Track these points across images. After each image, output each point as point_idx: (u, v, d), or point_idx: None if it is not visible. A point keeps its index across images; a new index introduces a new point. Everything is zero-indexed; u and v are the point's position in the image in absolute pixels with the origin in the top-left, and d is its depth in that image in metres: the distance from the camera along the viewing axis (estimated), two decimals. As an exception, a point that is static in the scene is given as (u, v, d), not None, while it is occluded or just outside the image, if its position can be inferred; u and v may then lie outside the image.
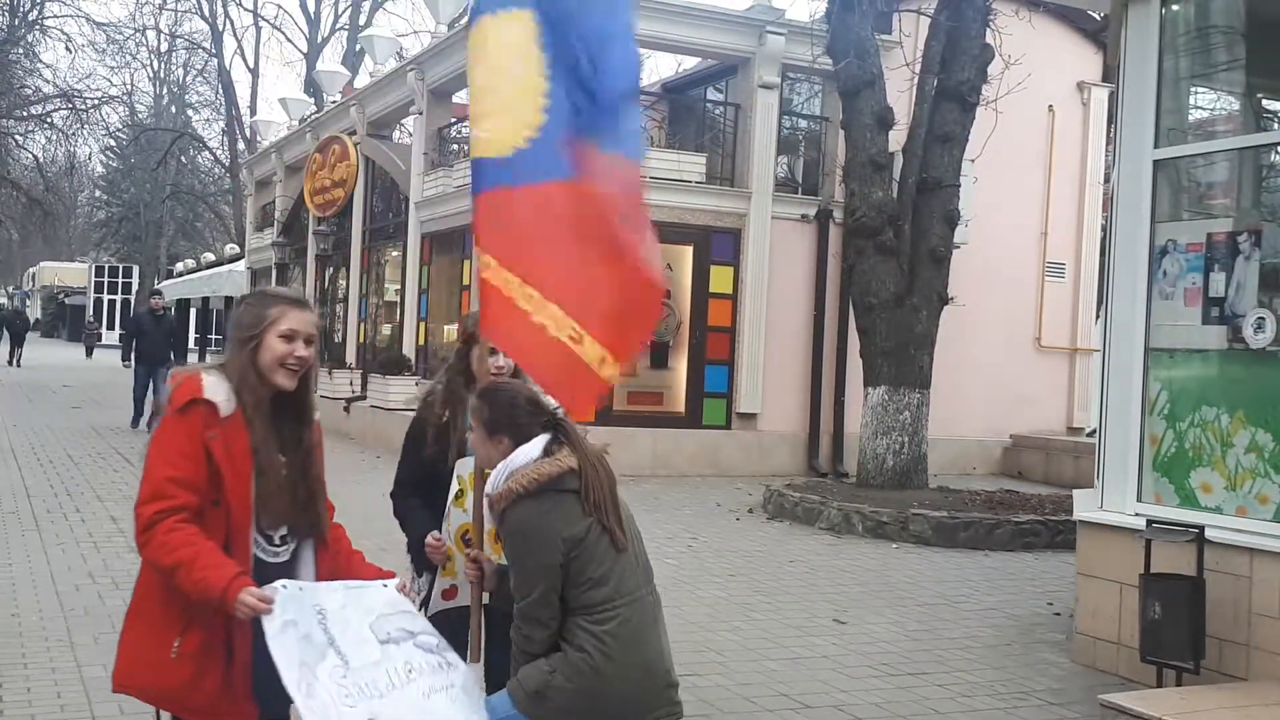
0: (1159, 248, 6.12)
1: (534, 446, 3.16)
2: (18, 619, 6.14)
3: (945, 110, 12.03)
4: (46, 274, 64.55)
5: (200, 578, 2.67)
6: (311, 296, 22.37)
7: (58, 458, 12.76)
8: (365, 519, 6.82)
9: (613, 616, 3.08)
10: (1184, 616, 5.31)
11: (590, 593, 3.07)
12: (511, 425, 3.26)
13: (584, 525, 3.09)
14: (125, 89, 46.69)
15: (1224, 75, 6.44)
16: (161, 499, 2.73)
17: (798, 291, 14.59)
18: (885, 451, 11.77)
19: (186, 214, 55.05)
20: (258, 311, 2.91)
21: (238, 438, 2.82)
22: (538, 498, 3.08)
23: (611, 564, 3.11)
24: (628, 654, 3.08)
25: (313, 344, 2.93)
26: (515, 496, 3.09)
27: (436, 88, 17.15)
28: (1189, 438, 5.91)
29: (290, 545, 3.01)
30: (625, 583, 3.13)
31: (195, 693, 2.77)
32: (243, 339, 2.89)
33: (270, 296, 2.97)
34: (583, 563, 3.07)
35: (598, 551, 3.10)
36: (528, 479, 3.09)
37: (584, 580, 3.07)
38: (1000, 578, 8.64)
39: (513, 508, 3.10)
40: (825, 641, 6.53)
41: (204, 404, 2.79)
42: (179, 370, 2.94)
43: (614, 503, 3.19)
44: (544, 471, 3.10)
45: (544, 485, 3.09)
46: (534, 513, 3.08)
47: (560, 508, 3.09)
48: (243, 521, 2.83)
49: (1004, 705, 5.53)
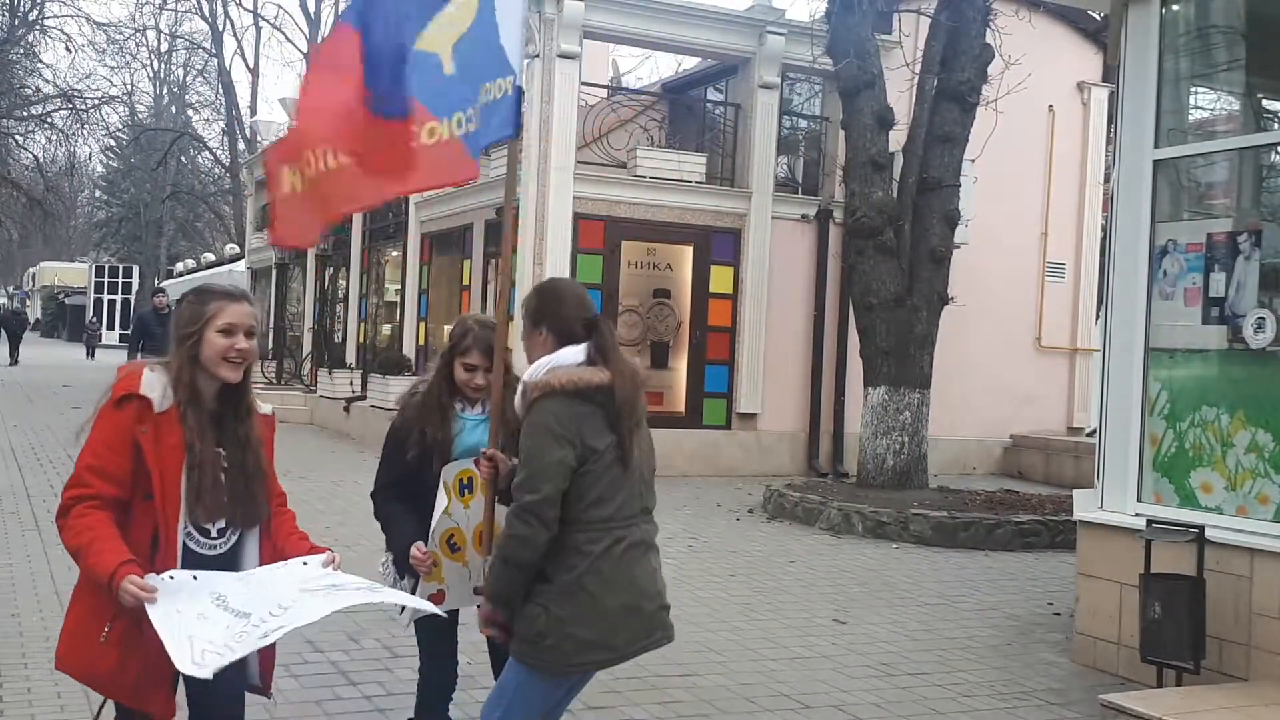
0: (1159, 248, 6.12)
1: (578, 352, 3.20)
2: (18, 619, 6.14)
3: (945, 110, 12.03)
4: (46, 274, 64.57)
5: (94, 563, 2.75)
6: (310, 295, 22.43)
7: (58, 458, 12.76)
8: (365, 519, 6.84)
9: (605, 536, 3.14)
10: (1184, 616, 5.31)
11: (591, 509, 3.12)
12: (555, 318, 3.31)
13: (606, 441, 3.14)
14: (125, 89, 46.81)
15: (1224, 75, 6.44)
16: (79, 486, 2.84)
17: (798, 291, 14.59)
18: (885, 451, 11.77)
19: (186, 214, 55.06)
20: (196, 309, 2.99)
21: (170, 432, 2.89)
22: (571, 399, 3.12)
23: (617, 487, 3.17)
24: (617, 571, 3.14)
25: (253, 336, 3.01)
26: (551, 390, 3.13)
27: (436, 88, 17.13)
28: (1189, 438, 5.91)
29: (230, 538, 3.04)
30: (625, 508, 3.19)
31: (121, 677, 2.86)
32: (182, 336, 2.97)
33: (207, 293, 3.05)
34: (592, 478, 3.12)
35: (610, 472, 3.15)
36: (567, 378, 3.13)
37: (588, 496, 3.12)
38: (1000, 578, 8.64)
39: (545, 400, 3.13)
40: (825, 641, 6.53)
41: (138, 399, 2.88)
42: (125, 364, 3.04)
43: (637, 424, 3.23)
44: (584, 377, 3.15)
45: (581, 389, 3.13)
46: (565, 412, 3.11)
47: (591, 418, 3.13)
48: (171, 515, 2.89)
49: (1004, 705, 5.53)
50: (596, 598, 3.12)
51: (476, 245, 15.31)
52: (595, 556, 3.12)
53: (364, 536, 8.79)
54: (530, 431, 3.15)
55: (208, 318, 2.96)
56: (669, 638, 3.32)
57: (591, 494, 3.13)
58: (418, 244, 17.28)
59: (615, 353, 3.25)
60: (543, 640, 3.12)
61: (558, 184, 13.30)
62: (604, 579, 3.13)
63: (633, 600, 3.18)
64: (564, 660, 3.14)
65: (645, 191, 13.82)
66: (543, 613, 3.12)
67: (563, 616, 3.10)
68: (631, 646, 3.22)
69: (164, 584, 2.75)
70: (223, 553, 3.03)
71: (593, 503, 3.13)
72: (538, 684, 3.22)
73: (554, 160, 13.27)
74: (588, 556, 3.12)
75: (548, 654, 3.13)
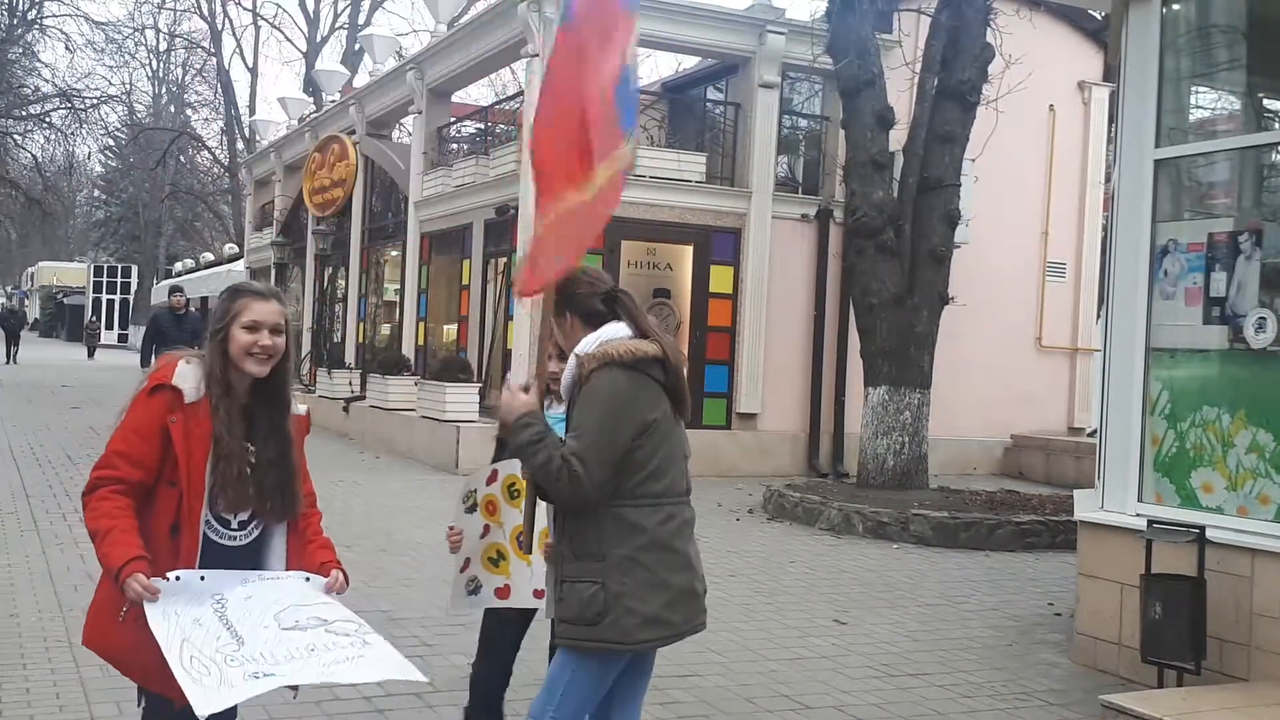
0: (1160, 247, 6.11)
1: (622, 327, 3.19)
2: (17, 619, 6.13)
3: (946, 110, 12.02)
4: (45, 274, 64.53)
5: (106, 551, 2.82)
6: (309, 295, 22.41)
7: (57, 458, 12.76)
8: (365, 519, 6.98)
9: (658, 511, 3.12)
10: (1185, 617, 5.30)
11: (647, 483, 3.11)
12: (570, 299, 3.28)
13: (659, 414, 3.14)
14: (124, 88, 46.78)
15: (1225, 75, 6.43)
16: (106, 468, 2.92)
17: (798, 291, 14.59)
18: (886, 452, 11.77)
19: (185, 214, 55.03)
20: (225, 305, 3.08)
21: (200, 423, 2.95)
22: (630, 370, 3.11)
23: (671, 461, 3.16)
24: (674, 548, 3.13)
25: (280, 333, 3.05)
26: (609, 361, 3.10)
27: (436, 87, 17.14)
28: (1190, 438, 5.90)
29: (253, 531, 3.08)
30: (677, 484, 3.20)
31: (137, 657, 2.87)
32: (212, 331, 3.06)
33: (236, 291, 3.13)
34: (649, 451, 3.10)
35: (664, 445, 3.14)
36: (624, 349, 3.11)
37: (645, 468, 3.10)
38: (1001, 578, 8.63)
39: (603, 370, 3.10)
40: (826, 642, 6.53)
41: (170, 389, 2.95)
42: (166, 354, 3.10)
43: (685, 398, 3.24)
44: (640, 349, 3.12)
45: (639, 360, 3.11)
46: (623, 382, 3.09)
47: (645, 390, 3.13)
48: (195, 504, 2.94)
49: (1005, 706, 5.52)
50: (655, 572, 3.09)
51: (476, 245, 15.31)
52: (652, 531, 3.10)
53: (363, 536, 8.78)
54: (588, 402, 3.10)
55: (234, 314, 3.03)
56: (703, 625, 3.30)
57: (649, 466, 3.11)
58: (417, 244, 17.27)
59: (646, 321, 3.23)
60: (602, 619, 3.06)
61: (557, 183, 13.27)
62: (662, 555, 3.11)
63: (688, 579, 3.17)
64: (627, 637, 3.08)
65: (645, 191, 13.81)
66: (600, 590, 3.07)
67: (621, 592, 3.06)
68: (686, 625, 3.19)
69: (168, 585, 2.78)
70: (244, 545, 3.06)
71: (649, 476, 3.11)
72: (591, 671, 3.16)
73: (554, 160, 13.24)
74: (644, 531, 3.09)
75: (609, 632, 3.06)
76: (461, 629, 6.16)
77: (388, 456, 14.81)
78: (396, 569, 7.68)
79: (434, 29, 17.63)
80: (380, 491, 11.60)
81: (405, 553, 8.27)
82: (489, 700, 3.94)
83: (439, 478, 12.82)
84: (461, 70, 16.44)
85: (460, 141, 18.09)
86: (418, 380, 15.38)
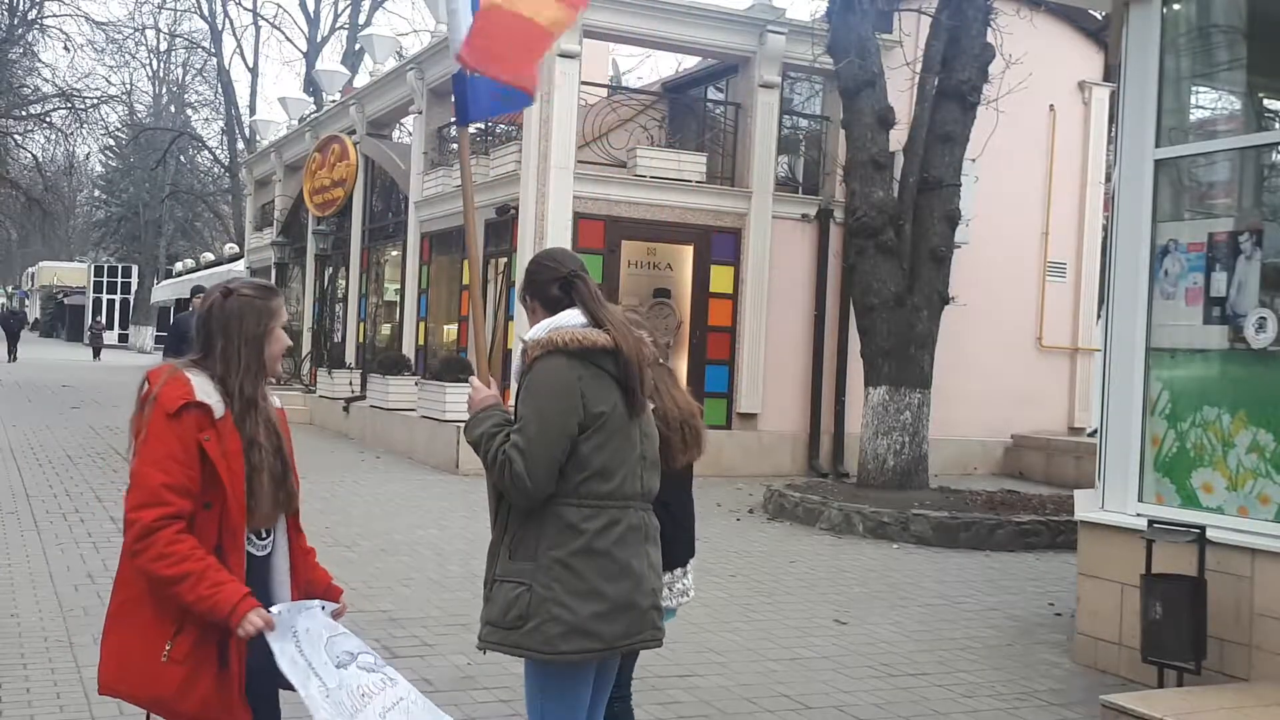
0: (1160, 247, 6.11)
1: (576, 315, 3.03)
2: (17, 619, 6.13)
3: (946, 110, 12.02)
4: (46, 274, 64.54)
5: (208, 594, 2.65)
6: (310, 295, 22.42)
7: (57, 458, 12.75)
8: (365, 519, 6.98)
9: (600, 515, 2.93)
10: (1185, 617, 5.30)
11: (591, 482, 2.93)
12: (532, 285, 3.16)
13: (608, 407, 2.96)
14: (124, 88, 46.76)
15: (1225, 75, 6.43)
16: (160, 505, 2.68)
17: (798, 291, 14.58)
18: (886, 452, 11.76)
19: (186, 213, 55.05)
20: (262, 304, 2.90)
21: (230, 439, 2.80)
22: (574, 359, 2.95)
23: (620, 462, 2.97)
24: (613, 556, 2.93)
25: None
26: (553, 348, 2.95)
27: (436, 87, 17.12)
28: (1190, 438, 5.90)
29: (274, 535, 3.00)
30: (625, 486, 2.99)
31: (188, 697, 2.71)
32: (255, 335, 2.86)
33: (270, 290, 2.98)
34: (594, 446, 2.93)
35: (612, 443, 2.96)
36: (570, 336, 2.96)
37: (590, 465, 2.93)
38: (1001, 578, 8.63)
39: (546, 359, 2.96)
40: (826, 642, 6.53)
41: (198, 406, 2.76)
42: (156, 369, 2.88)
43: (643, 393, 3.05)
44: (588, 337, 2.96)
45: (585, 349, 2.95)
46: (566, 371, 2.93)
47: (594, 381, 2.96)
48: (239, 522, 2.81)
49: (1005, 706, 5.52)
50: (587, 579, 2.89)
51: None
52: (589, 535, 2.90)
53: (363, 536, 8.78)
54: (529, 393, 2.95)
55: (274, 315, 2.90)
56: (658, 640, 3.09)
57: (594, 464, 2.92)
58: (417, 244, 17.27)
59: (603, 309, 3.04)
60: (523, 624, 2.88)
61: (557, 183, 13.30)
62: (596, 562, 2.90)
63: (626, 590, 2.94)
64: (548, 646, 2.88)
65: (645, 191, 13.81)
66: (525, 592, 2.89)
67: (547, 597, 2.87)
68: (619, 642, 2.96)
69: (279, 618, 2.75)
70: (269, 552, 2.98)
71: (594, 474, 2.92)
72: (546, 678, 2.98)
73: (554, 160, 13.26)
74: (581, 535, 2.90)
75: (530, 638, 2.88)
76: (461, 628, 6.16)
77: (388, 456, 14.81)
78: (396, 569, 7.66)
79: (434, 29, 17.64)
80: (380, 491, 11.59)
81: (405, 553, 8.26)
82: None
83: (439, 478, 12.82)
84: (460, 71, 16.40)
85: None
86: (418, 380, 15.38)
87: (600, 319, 3.02)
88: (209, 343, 2.86)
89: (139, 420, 2.79)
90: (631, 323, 3.17)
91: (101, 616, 6.41)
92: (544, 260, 3.21)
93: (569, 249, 3.33)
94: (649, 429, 3.12)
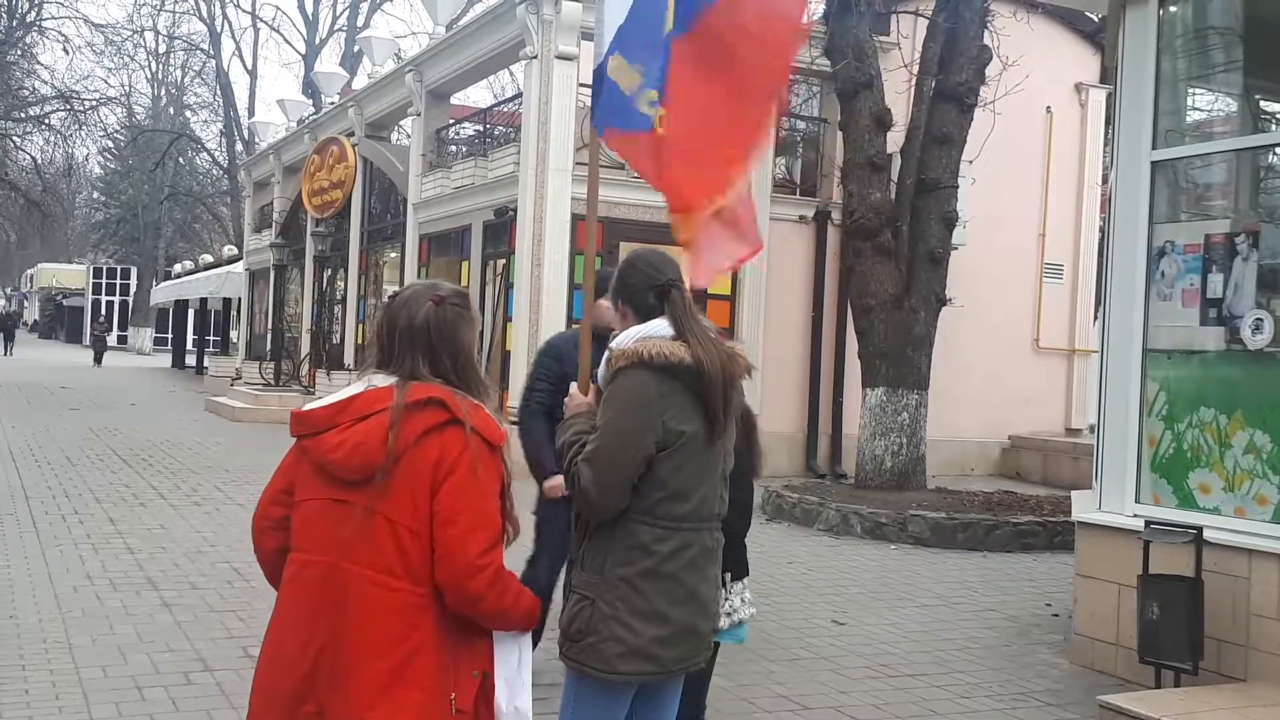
0: (1157, 249, 6.12)
1: (665, 325, 2.92)
2: (16, 621, 6.13)
3: (943, 111, 12.03)
4: (44, 275, 64.54)
5: (529, 605, 2.54)
6: (309, 296, 22.41)
7: (56, 459, 12.75)
8: (364, 520, 6.87)
9: (673, 537, 2.84)
10: (1182, 617, 5.31)
11: (667, 503, 2.83)
12: (624, 289, 3.04)
13: (690, 427, 2.85)
14: (123, 90, 46.75)
15: (1222, 76, 6.44)
16: (500, 544, 2.50)
17: (796, 293, 14.59)
18: (883, 453, 11.77)
19: (185, 215, 54.94)
20: (474, 316, 2.66)
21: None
22: (659, 373, 2.83)
23: (699, 482, 2.87)
24: (681, 580, 2.84)
25: None
26: (639, 360, 2.84)
27: (434, 89, 17.14)
28: (1187, 439, 5.92)
29: None
30: (702, 508, 2.89)
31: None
32: (473, 353, 2.62)
33: (467, 298, 2.67)
34: (672, 467, 2.83)
35: (692, 464, 2.86)
36: (657, 349, 2.84)
37: (667, 486, 2.83)
38: (998, 579, 8.64)
39: (630, 370, 2.85)
40: (824, 642, 6.54)
41: (501, 447, 2.54)
42: (415, 385, 2.52)
43: (726, 413, 2.92)
44: (675, 352, 2.85)
45: (670, 364, 2.83)
46: (650, 385, 2.83)
47: (675, 396, 2.84)
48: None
49: (1002, 706, 5.53)
50: (652, 602, 2.80)
51: (475, 246, 15.31)
52: (659, 558, 2.81)
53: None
54: (611, 403, 2.86)
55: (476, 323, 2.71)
56: (704, 663, 3.06)
57: (671, 485, 2.82)
58: (416, 245, 17.27)
59: (693, 323, 2.92)
60: (582, 638, 2.82)
61: (556, 185, 13.30)
62: (663, 585, 2.82)
63: (690, 615, 2.87)
64: (605, 665, 2.81)
65: (644, 192, 13.77)
66: (587, 606, 2.82)
67: (610, 615, 2.80)
68: (675, 666, 2.89)
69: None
70: None
71: (670, 495, 2.82)
72: (590, 690, 2.90)
73: (552, 162, 13.27)
74: (651, 556, 2.81)
75: (588, 655, 2.82)
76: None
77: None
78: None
79: (433, 31, 17.64)
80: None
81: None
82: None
83: (438, 479, 12.81)
84: (460, 72, 16.45)
85: (459, 143, 18.09)
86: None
87: (685, 332, 2.90)
88: (434, 355, 2.56)
89: (439, 456, 2.45)
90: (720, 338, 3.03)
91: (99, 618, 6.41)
92: (641, 265, 3.06)
93: (665, 254, 3.17)
94: (729, 446, 3.02)
